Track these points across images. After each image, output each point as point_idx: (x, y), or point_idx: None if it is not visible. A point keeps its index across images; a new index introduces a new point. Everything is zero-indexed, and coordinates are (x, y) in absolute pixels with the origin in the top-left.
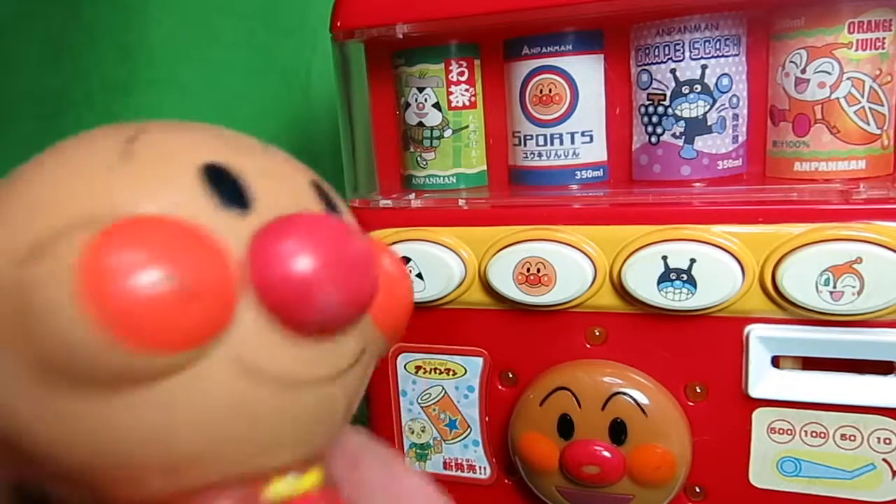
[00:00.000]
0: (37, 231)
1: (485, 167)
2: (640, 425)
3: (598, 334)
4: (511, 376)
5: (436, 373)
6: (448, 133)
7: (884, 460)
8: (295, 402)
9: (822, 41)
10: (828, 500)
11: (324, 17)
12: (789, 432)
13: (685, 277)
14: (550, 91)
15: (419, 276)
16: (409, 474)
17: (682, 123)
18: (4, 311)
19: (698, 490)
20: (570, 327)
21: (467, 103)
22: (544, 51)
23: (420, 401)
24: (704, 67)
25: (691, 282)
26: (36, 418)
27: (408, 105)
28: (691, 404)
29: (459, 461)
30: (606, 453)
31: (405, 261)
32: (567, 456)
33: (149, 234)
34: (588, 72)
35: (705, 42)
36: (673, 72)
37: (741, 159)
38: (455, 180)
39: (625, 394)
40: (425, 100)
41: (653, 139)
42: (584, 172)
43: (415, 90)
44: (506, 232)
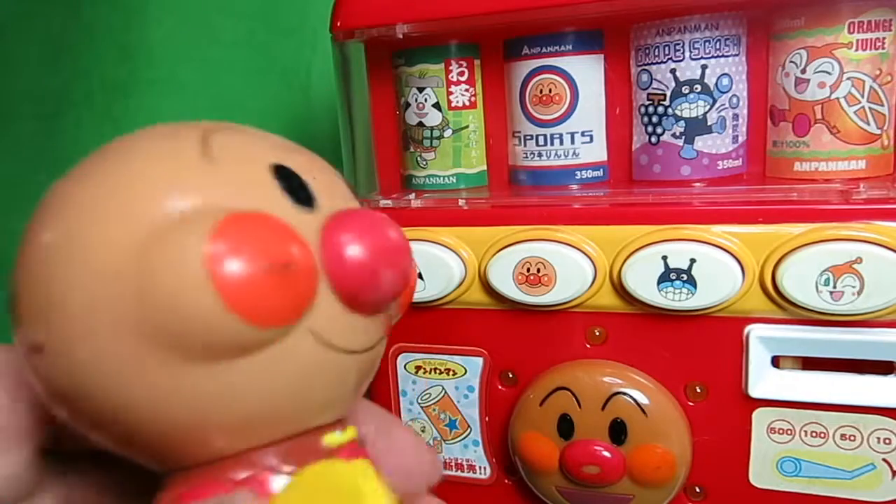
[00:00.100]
0: (147, 226)
1: (485, 167)
2: (640, 425)
3: (598, 334)
4: (511, 376)
5: (436, 373)
6: (448, 133)
7: (884, 460)
8: (348, 368)
9: (822, 41)
10: (828, 500)
11: (324, 17)
12: (789, 432)
13: (685, 277)
14: (550, 91)
15: (419, 275)
16: (402, 429)
17: (682, 123)
18: (123, 292)
19: (698, 490)
20: (570, 327)
21: (467, 103)
22: (544, 51)
23: (420, 401)
24: (704, 67)
25: (691, 282)
26: (144, 388)
27: (408, 105)
28: (691, 404)
29: (459, 461)
30: (606, 453)
31: None
32: (567, 456)
33: (256, 227)
34: (588, 72)
35: (705, 42)
36: (673, 72)
37: (741, 159)
38: (455, 180)
39: (625, 394)
40: (425, 100)
41: (653, 139)
42: (584, 172)
43: (415, 90)
44: (506, 232)
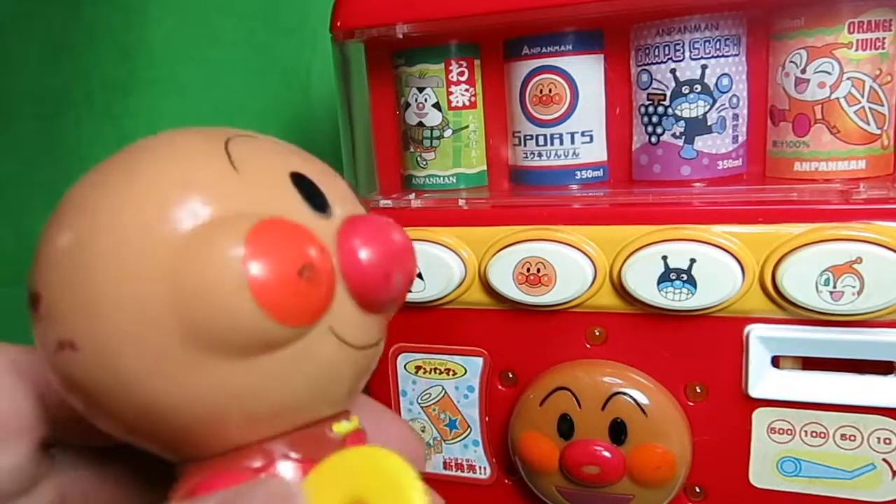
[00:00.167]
0: (181, 230)
1: (485, 167)
2: (640, 425)
3: (598, 334)
4: (511, 376)
5: (436, 373)
6: (448, 133)
7: (884, 460)
8: (356, 362)
9: (822, 41)
10: (828, 500)
11: (324, 17)
12: (789, 432)
13: (685, 277)
14: (550, 91)
15: (419, 275)
16: (390, 416)
17: (682, 123)
18: (158, 293)
19: (698, 490)
20: (570, 327)
21: (467, 103)
22: (544, 51)
23: (420, 401)
24: (704, 67)
25: (691, 282)
26: (175, 384)
27: (408, 105)
28: (691, 404)
29: (459, 461)
30: (606, 453)
31: None
32: (567, 456)
33: (285, 233)
34: (588, 72)
35: (705, 42)
36: (673, 72)
37: (741, 159)
38: (455, 180)
39: (625, 394)
40: (425, 100)
41: (653, 139)
42: (584, 172)
43: (415, 90)
44: (506, 232)
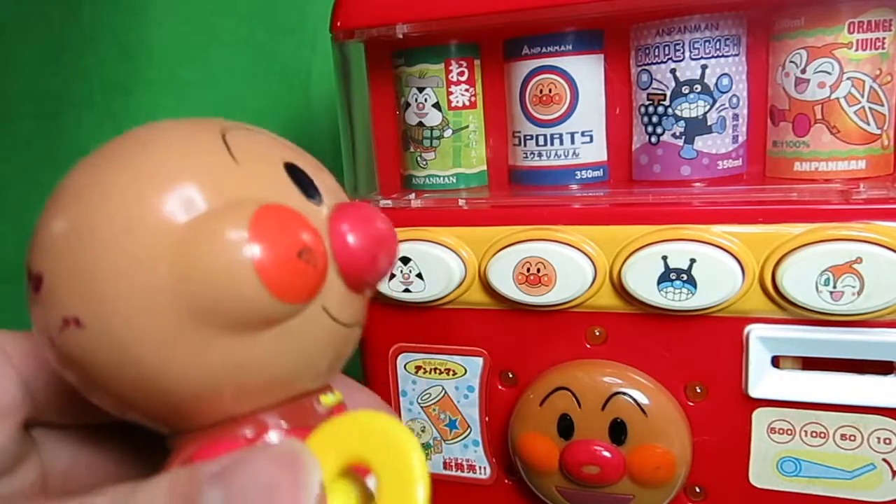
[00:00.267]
0: (184, 215)
1: (485, 167)
2: (640, 425)
3: (598, 334)
4: (511, 376)
5: (436, 373)
6: (448, 133)
7: (884, 460)
8: (343, 339)
9: (822, 41)
10: (828, 500)
11: (324, 17)
12: (789, 432)
13: (685, 277)
14: (550, 91)
15: (419, 275)
16: (363, 392)
17: (682, 123)
18: (164, 273)
19: (698, 490)
20: (570, 327)
21: (467, 103)
22: (544, 51)
23: (420, 401)
24: (704, 67)
25: (691, 282)
26: (178, 359)
27: (408, 105)
28: (691, 404)
29: (459, 461)
30: (606, 453)
31: (405, 261)
32: (567, 456)
33: (284, 218)
34: (588, 72)
35: (705, 42)
36: (673, 72)
37: (741, 159)
38: (455, 180)
39: (625, 394)
40: (425, 100)
41: (653, 139)
42: (584, 172)
43: (415, 90)
44: (506, 232)
